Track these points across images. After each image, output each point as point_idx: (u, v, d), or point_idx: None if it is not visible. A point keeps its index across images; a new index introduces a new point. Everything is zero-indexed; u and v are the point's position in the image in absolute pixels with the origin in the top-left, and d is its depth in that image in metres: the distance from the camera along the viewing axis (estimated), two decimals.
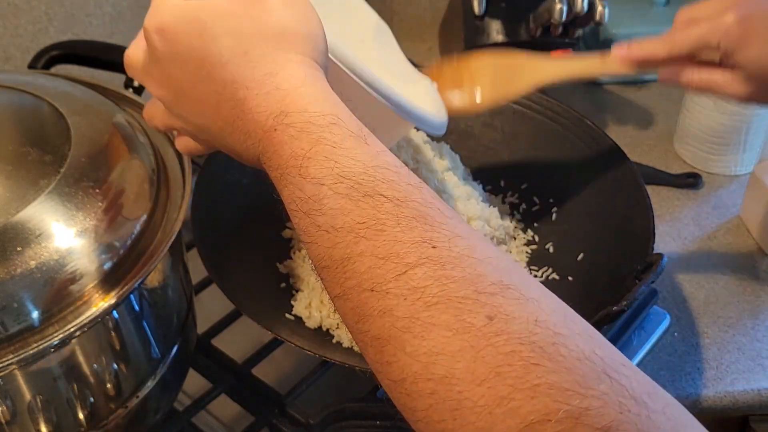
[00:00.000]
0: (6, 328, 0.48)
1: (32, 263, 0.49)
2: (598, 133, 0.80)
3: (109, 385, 0.56)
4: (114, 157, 0.58)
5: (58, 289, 0.50)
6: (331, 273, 0.39)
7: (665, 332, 0.73)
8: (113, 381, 0.56)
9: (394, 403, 0.38)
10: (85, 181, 0.54)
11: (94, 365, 0.54)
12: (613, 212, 0.75)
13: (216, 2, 0.44)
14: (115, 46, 0.74)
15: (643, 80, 1.10)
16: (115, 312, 0.54)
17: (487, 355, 0.34)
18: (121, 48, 0.74)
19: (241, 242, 0.74)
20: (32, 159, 0.55)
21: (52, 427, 0.54)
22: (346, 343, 0.69)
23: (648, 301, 0.72)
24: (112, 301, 0.51)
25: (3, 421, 0.51)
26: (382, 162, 0.40)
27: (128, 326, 0.56)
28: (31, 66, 0.73)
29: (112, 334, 0.55)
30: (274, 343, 0.71)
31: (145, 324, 0.58)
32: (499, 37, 0.95)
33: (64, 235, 0.51)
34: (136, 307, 0.56)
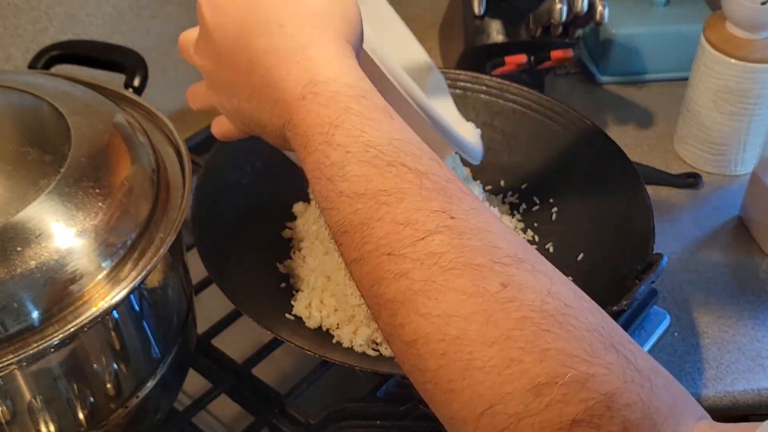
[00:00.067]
0: (6, 328, 0.48)
1: (32, 263, 0.49)
2: (598, 133, 0.80)
3: (109, 385, 0.56)
4: (114, 157, 0.58)
5: (58, 289, 0.50)
6: (350, 238, 0.40)
7: (665, 332, 0.73)
8: (113, 381, 0.56)
9: (403, 368, 0.39)
10: (85, 181, 0.54)
11: (94, 365, 0.54)
12: (613, 212, 0.75)
13: None
14: (115, 46, 0.74)
15: (643, 80, 1.10)
16: (115, 312, 0.54)
17: (499, 319, 0.35)
18: (121, 48, 0.74)
19: (241, 242, 0.74)
20: (32, 159, 0.55)
21: (52, 427, 0.54)
22: (346, 343, 0.69)
23: (648, 301, 0.72)
24: (112, 301, 0.51)
25: (3, 421, 0.51)
26: (406, 137, 0.41)
27: (128, 326, 0.56)
28: (31, 66, 0.73)
29: (112, 334, 0.55)
30: (274, 343, 0.71)
31: (145, 324, 0.58)
32: (499, 37, 0.95)
33: (64, 235, 0.51)
34: (136, 307, 0.56)
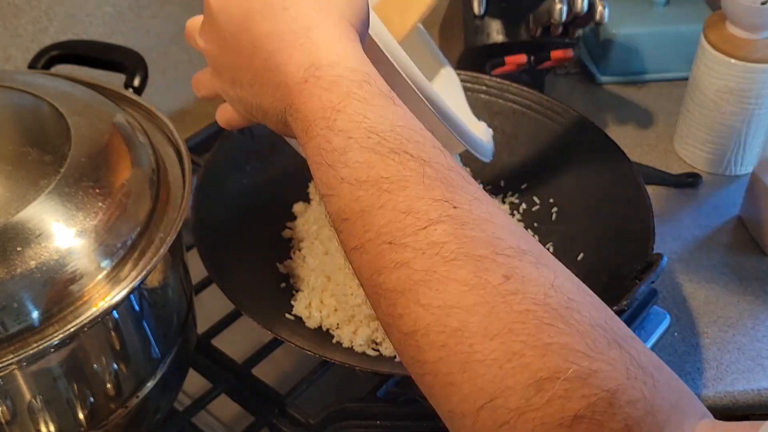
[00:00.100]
0: (6, 328, 0.48)
1: (32, 263, 0.49)
2: (598, 133, 0.80)
3: (109, 385, 0.56)
4: (114, 157, 0.58)
5: (58, 289, 0.50)
6: (350, 225, 0.39)
7: (665, 332, 0.73)
8: (113, 381, 0.56)
9: (401, 359, 0.38)
10: (85, 181, 0.54)
11: (94, 365, 0.54)
12: (613, 212, 0.75)
13: None
14: (115, 46, 0.74)
15: (643, 80, 1.10)
16: (115, 312, 0.54)
17: (501, 311, 0.34)
18: (121, 48, 0.74)
19: (241, 242, 0.74)
20: (32, 159, 0.55)
21: (52, 427, 0.54)
22: (346, 343, 0.69)
23: (648, 301, 0.72)
24: (112, 301, 0.51)
25: (3, 421, 0.51)
26: (409, 123, 0.41)
27: (128, 326, 0.56)
28: (31, 66, 0.73)
29: (112, 334, 0.55)
30: (274, 343, 0.71)
31: (145, 324, 0.58)
32: (499, 37, 0.94)
33: (64, 235, 0.51)
34: (136, 307, 0.56)
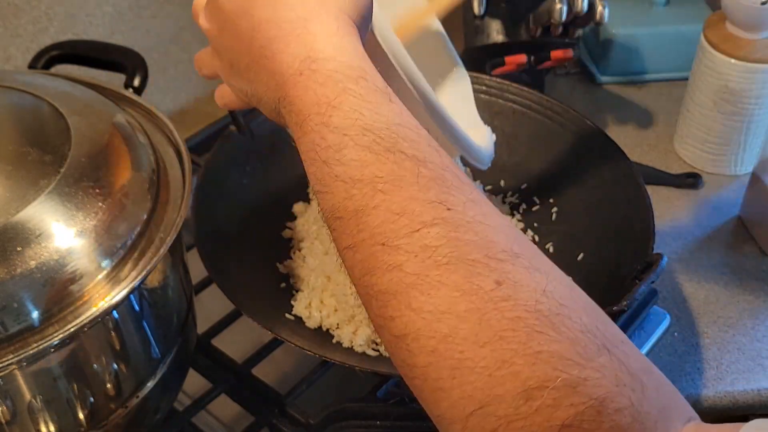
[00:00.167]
0: (6, 328, 0.48)
1: (32, 263, 0.49)
2: (598, 133, 0.80)
3: (109, 385, 0.56)
4: (114, 157, 0.58)
5: (58, 289, 0.50)
6: (344, 224, 0.39)
7: (665, 332, 0.73)
8: (113, 381, 0.56)
9: (393, 360, 0.38)
10: (85, 181, 0.54)
11: (94, 365, 0.54)
12: (613, 212, 0.75)
13: None
14: (115, 46, 0.74)
15: (643, 80, 1.10)
16: (115, 312, 0.54)
17: (492, 318, 0.34)
18: (121, 48, 0.74)
19: (241, 242, 0.74)
20: (32, 159, 0.55)
21: (52, 427, 0.54)
22: (346, 343, 0.69)
23: (648, 301, 0.72)
24: (112, 301, 0.51)
25: (3, 421, 0.51)
26: (405, 121, 0.40)
27: (128, 326, 0.56)
28: (31, 66, 0.73)
29: (112, 334, 0.55)
30: (274, 343, 0.71)
31: (145, 324, 0.58)
32: (499, 37, 0.94)
33: (64, 235, 0.51)
34: (136, 307, 0.56)
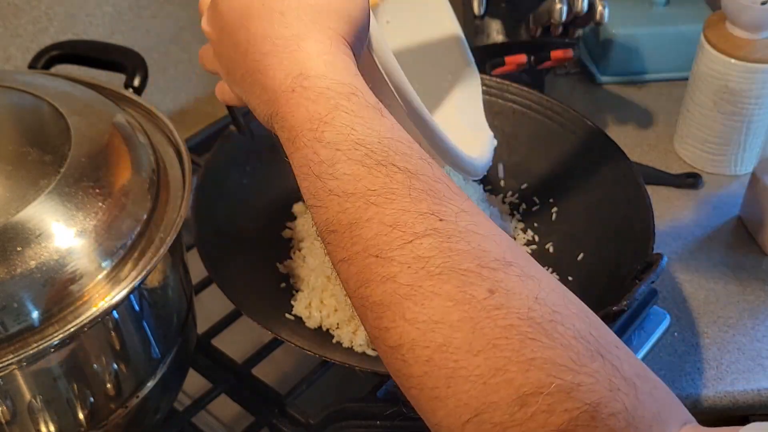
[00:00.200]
0: (6, 328, 0.48)
1: (32, 263, 0.49)
2: (598, 133, 0.80)
3: (109, 385, 0.56)
4: (114, 157, 0.58)
5: (58, 289, 0.50)
6: (338, 237, 0.39)
7: (665, 332, 0.73)
8: (113, 381, 0.56)
9: (389, 370, 0.39)
10: (85, 181, 0.54)
11: (94, 365, 0.54)
12: (613, 212, 0.75)
13: None
14: (115, 46, 0.74)
15: (643, 80, 1.10)
16: (115, 312, 0.54)
17: (485, 327, 0.35)
18: (121, 48, 0.74)
19: (241, 242, 0.74)
20: (32, 159, 0.55)
21: (52, 427, 0.54)
22: (346, 343, 0.69)
23: (648, 301, 0.72)
24: (112, 301, 0.51)
25: (3, 421, 0.51)
26: (396, 135, 0.41)
27: (128, 326, 0.56)
28: (31, 66, 0.73)
29: (112, 334, 0.55)
30: (274, 343, 0.71)
31: (145, 324, 0.58)
32: (499, 37, 0.94)
33: (64, 235, 0.51)
34: (136, 307, 0.56)
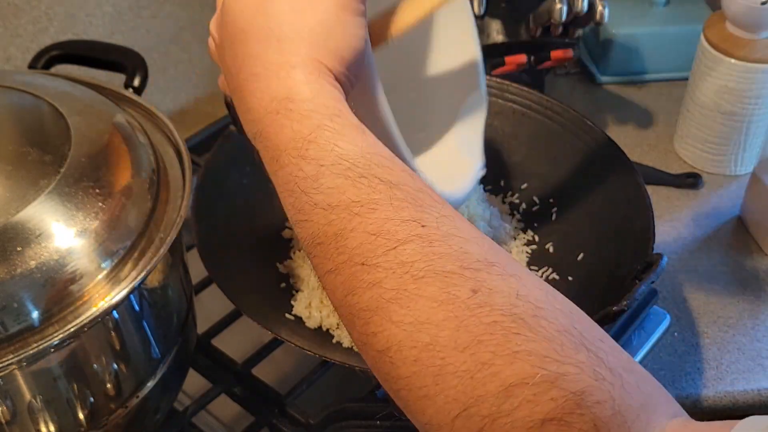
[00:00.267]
0: (6, 328, 0.48)
1: (32, 263, 0.49)
2: (598, 133, 0.79)
3: (109, 385, 0.56)
4: (114, 157, 0.58)
5: (58, 289, 0.50)
6: (324, 249, 0.40)
7: (665, 332, 0.73)
8: (113, 381, 0.56)
9: (377, 376, 0.39)
10: (85, 181, 0.54)
11: (94, 365, 0.54)
12: (613, 212, 0.75)
13: None
14: (115, 46, 0.74)
15: (643, 80, 1.10)
16: (115, 312, 0.54)
17: (470, 324, 0.36)
18: (121, 48, 0.74)
19: (241, 242, 0.74)
20: (32, 159, 0.55)
21: (52, 427, 0.54)
22: (346, 343, 0.69)
23: (648, 301, 0.72)
24: (112, 301, 0.51)
25: (3, 421, 0.51)
26: (378, 150, 0.42)
27: (128, 326, 0.56)
28: (31, 66, 0.73)
29: (112, 334, 0.55)
30: (274, 343, 0.71)
31: (145, 324, 0.58)
32: (499, 37, 0.94)
33: (64, 235, 0.51)
34: (136, 307, 0.56)
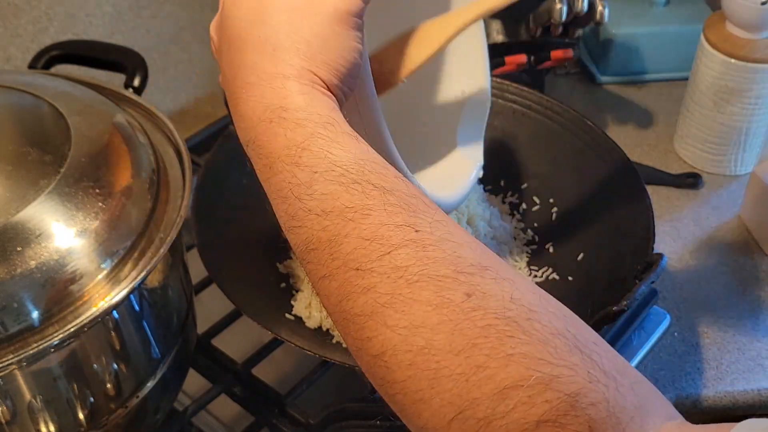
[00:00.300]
0: (6, 328, 0.48)
1: (32, 263, 0.49)
2: (598, 133, 0.79)
3: (109, 385, 0.56)
4: (114, 157, 0.58)
5: (58, 289, 0.50)
6: (318, 255, 0.40)
7: (665, 332, 0.73)
8: (113, 381, 0.56)
9: (372, 381, 0.40)
10: (85, 181, 0.54)
11: (94, 365, 0.54)
12: (613, 212, 0.75)
13: None
14: (115, 46, 0.74)
15: (643, 80, 1.10)
16: (115, 312, 0.54)
17: (465, 327, 0.36)
18: (121, 48, 0.74)
19: (241, 242, 0.74)
20: (32, 159, 0.55)
21: (52, 427, 0.54)
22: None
23: (648, 301, 0.72)
24: (112, 301, 0.51)
25: (3, 421, 0.51)
26: (371, 157, 0.43)
27: (128, 326, 0.56)
28: (31, 66, 0.73)
29: (112, 334, 0.55)
30: (274, 343, 0.71)
31: (145, 324, 0.58)
32: (499, 37, 0.94)
33: (64, 235, 0.51)
34: (136, 307, 0.57)
